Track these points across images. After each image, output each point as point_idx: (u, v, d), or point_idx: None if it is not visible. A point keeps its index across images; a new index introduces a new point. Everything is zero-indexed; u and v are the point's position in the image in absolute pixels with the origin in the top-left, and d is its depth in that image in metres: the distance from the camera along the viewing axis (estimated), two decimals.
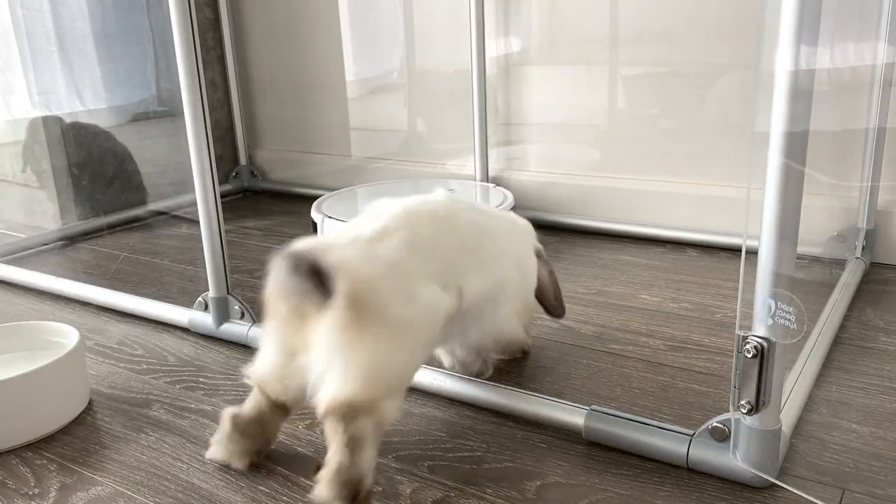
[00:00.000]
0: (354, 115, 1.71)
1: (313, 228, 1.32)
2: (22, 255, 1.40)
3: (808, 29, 0.53)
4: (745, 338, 0.59)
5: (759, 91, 0.56)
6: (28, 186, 1.52)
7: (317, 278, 0.59)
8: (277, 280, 0.62)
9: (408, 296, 0.63)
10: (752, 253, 0.58)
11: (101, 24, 1.61)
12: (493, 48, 1.45)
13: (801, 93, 0.54)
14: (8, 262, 1.31)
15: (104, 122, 1.63)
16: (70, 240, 1.49)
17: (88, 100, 1.61)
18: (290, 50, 1.76)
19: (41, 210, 1.54)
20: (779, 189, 0.55)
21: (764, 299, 0.58)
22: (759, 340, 0.58)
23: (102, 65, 1.63)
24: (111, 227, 1.57)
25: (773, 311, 0.57)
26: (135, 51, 1.68)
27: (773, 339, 0.58)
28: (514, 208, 1.32)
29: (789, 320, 0.57)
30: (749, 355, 0.58)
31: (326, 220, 1.26)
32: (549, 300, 0.85)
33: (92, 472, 0.71)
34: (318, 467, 0.61)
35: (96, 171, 1.59)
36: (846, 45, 1.02)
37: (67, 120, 1.56)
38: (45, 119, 1.53)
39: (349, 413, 0.59)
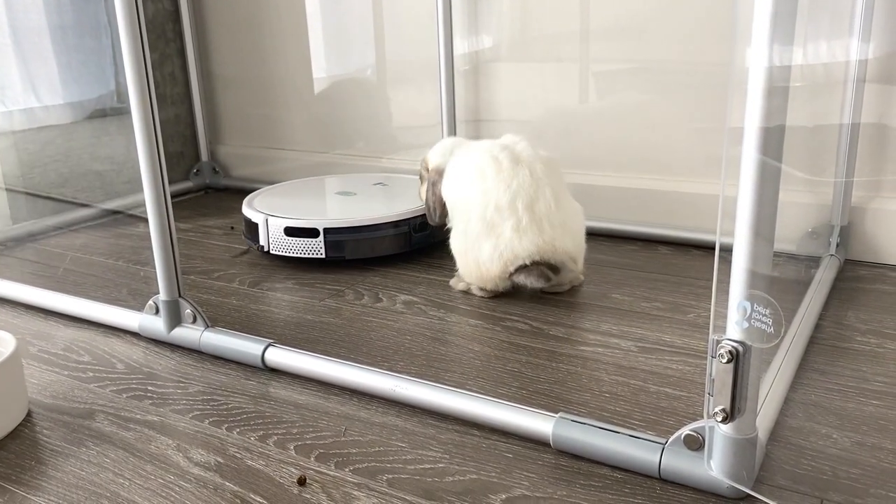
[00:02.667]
0: (322, 111, 1.67)
1: (247, 227, 1.26)
2: None
3: (783, 25, 0.50)
4: (719, 342, 0.56)
5: (732, 86, 0.54)
6: None
7: None
8: None
9: None
10: (727, 250, 0.55)
11: (57, 17, 1.54)
12: (463, 45, 1.41)
13: (776, 88, 0.51)
14: None
15: (61, 118, 1.57)
16: (17, 240, 1.43)
17: (44, 96, 1.55)
18: (254, 43, 1.70)
19: None
20: (754, 185, 0.52)
21: (739, 301, 0.54)
22: (734, 345, 0.55)
23: (59, 59, 1.56)
24: (60, 228, 1.50)
25: (748, 313, 0.54)
26: (92, 45, 1.61)
27: (749, 344, 0.55)
28: None
29: (766, 323, 0.54)
30: (723, 360, 0.55)
31: (270, 219, 1.20)
32: None
33: (26, 490, 0.66)
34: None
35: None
36: (820, 41, 1.00)
37: None
38: None
39: None
